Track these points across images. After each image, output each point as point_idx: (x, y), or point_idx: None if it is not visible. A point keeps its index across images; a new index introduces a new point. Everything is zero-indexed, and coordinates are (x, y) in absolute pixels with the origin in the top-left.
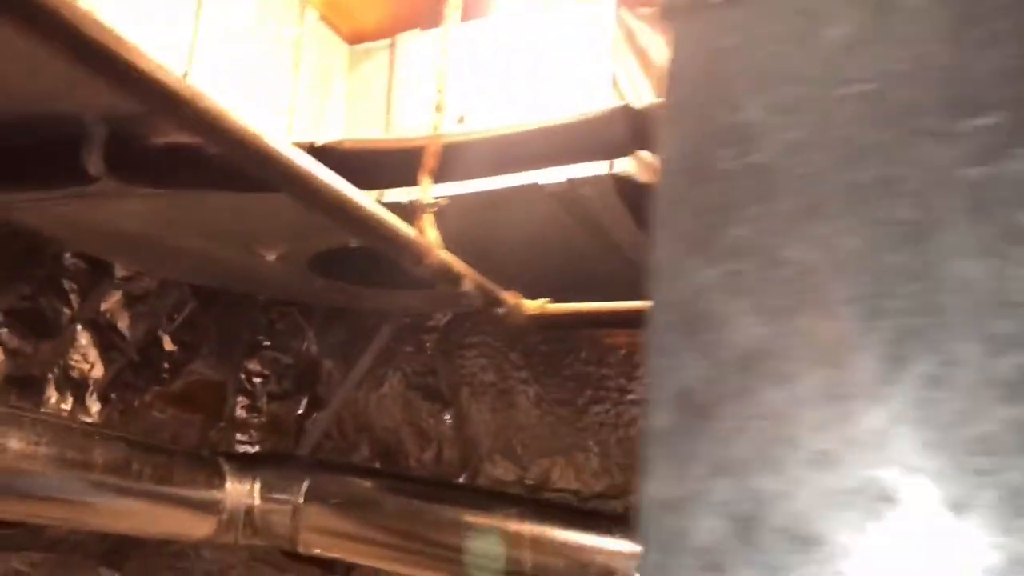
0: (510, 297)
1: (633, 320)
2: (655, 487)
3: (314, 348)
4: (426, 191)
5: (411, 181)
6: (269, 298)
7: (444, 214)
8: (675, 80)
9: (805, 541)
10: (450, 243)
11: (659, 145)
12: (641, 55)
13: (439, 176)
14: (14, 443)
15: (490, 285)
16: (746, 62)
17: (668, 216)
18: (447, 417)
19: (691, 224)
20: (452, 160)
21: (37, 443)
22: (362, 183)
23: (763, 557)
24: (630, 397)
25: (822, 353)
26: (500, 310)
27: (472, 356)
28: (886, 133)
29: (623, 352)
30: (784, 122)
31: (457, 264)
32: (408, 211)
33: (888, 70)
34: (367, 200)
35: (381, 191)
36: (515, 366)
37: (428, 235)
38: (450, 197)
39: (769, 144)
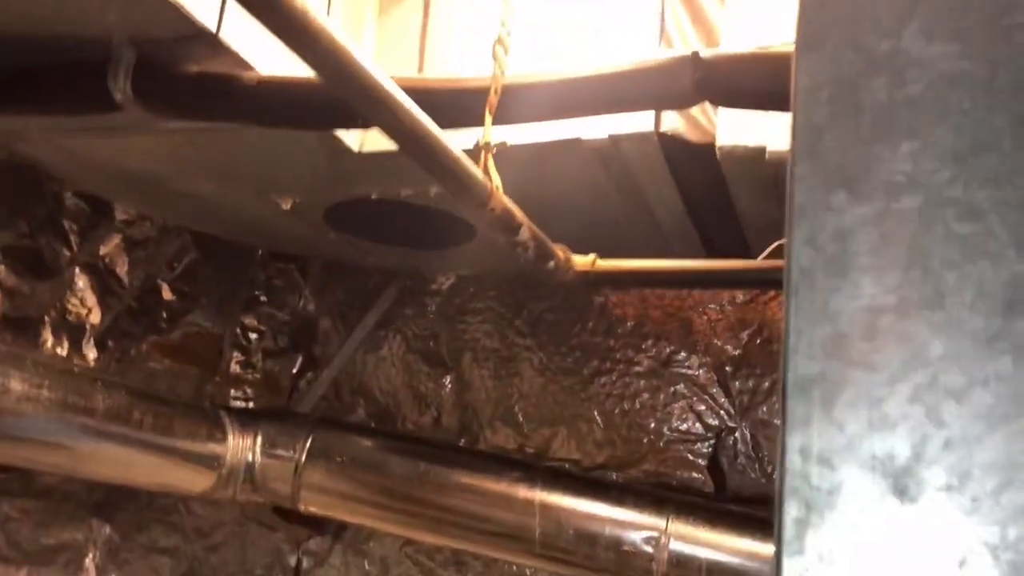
0: (560, 251)
1: (682, 280)
2: (800, 439)
3: (311, 306)
4: (488, 131)
5: (461, 124)
6: (268, 252)
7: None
8: (813, 1)
9: (974, 501)
10: None
11: (795, 72)
12: (690, 4)
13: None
14: (16, 384)
15: (543, 236)
16: None
17: (810, 149)
18: (447, 382)
19: (838, 158)
20: (505, 106)
21: (39, 386)
22: None
23: (923, 516)
24: (637, 369)
25: (990, 302)
26: (549, 264)
27: (476, 321)
28: None
29: (631, 323)
30: (944, 52)
31: (516, 211)
32: (470, 153)
33: None
34: (446, 136)
35: None
36: (519, 333)
37: (493, 178)
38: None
39: (927, 75)
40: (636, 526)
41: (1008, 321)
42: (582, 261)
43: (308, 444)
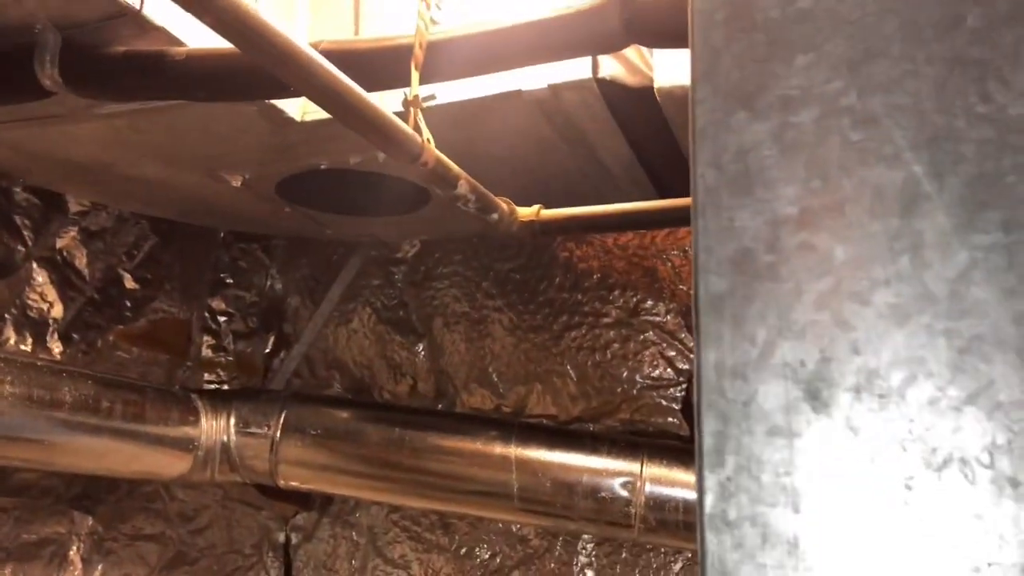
0: (503, 203)
1: (627, 222)
2: (714, 354)
3: (278, 285)
4: (415, 87)
5: (390, 84)
6: (230, 233)
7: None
8: None
9: (881, 398)
10: None
11: None
12: None
13: (420, 79)
14: None
15: (482, 189)
16: None
17: (708, 70)
18: (420, 349)
19: (736, 77)
20: (433, 62)
21: (2, 382)
22: None
23: (834, 419)
24: (605, 321)
25: (888, 205)
26: (493, 216)
27: (443, 287)
28: None
29: (597, 276)
30: None
31: (451, 165)
32: (401, 116)
33: None
34: (368, 95)
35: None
36: (488, 295)
37: (423, 132)
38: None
39: None
40: (612, 472)
41: (905, 221)
42: (526, 212)
43: (282, 420)
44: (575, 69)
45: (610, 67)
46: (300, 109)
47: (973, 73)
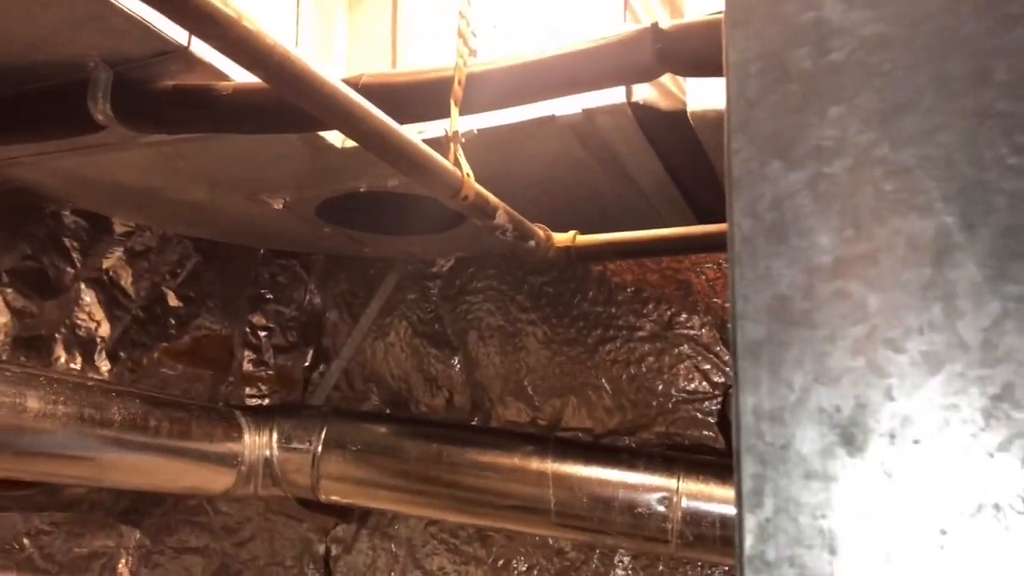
0: (539, 230)
1: (662, 247)
2: (752, 399)
3: (317, 300)
4: (455, 122)
5: (429, 116)
6: (270, 250)
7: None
8: None
9: (916, 443)
10: None
11: (726, 48)
12: None
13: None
14: (33, 403)
15: (520, 217)
16: None
17: (744, 121)
18: (456, 362)
19: (770, 128)
20: (470, 95)
21: (55, 402)
22: None
23: (869, 463)
24: (640, 334)
25: (921, 254)
26: (530, 243)
27: (478, 301)
28: (977, 22)
29: (631, 290)
30: (864, 17)
31: (490, 196)
32: (437, 144)
33: None
34: (410, 132)
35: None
36: (522, 308)
37: (462, 166)
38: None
39: (849, 41)
40: (648, 488)
41: (938, 270)
42: (562, 238)
43: (323, 435)
44: (609, 94)
45: (643, 92)
46: (341, 136)
47: (1003, 125)
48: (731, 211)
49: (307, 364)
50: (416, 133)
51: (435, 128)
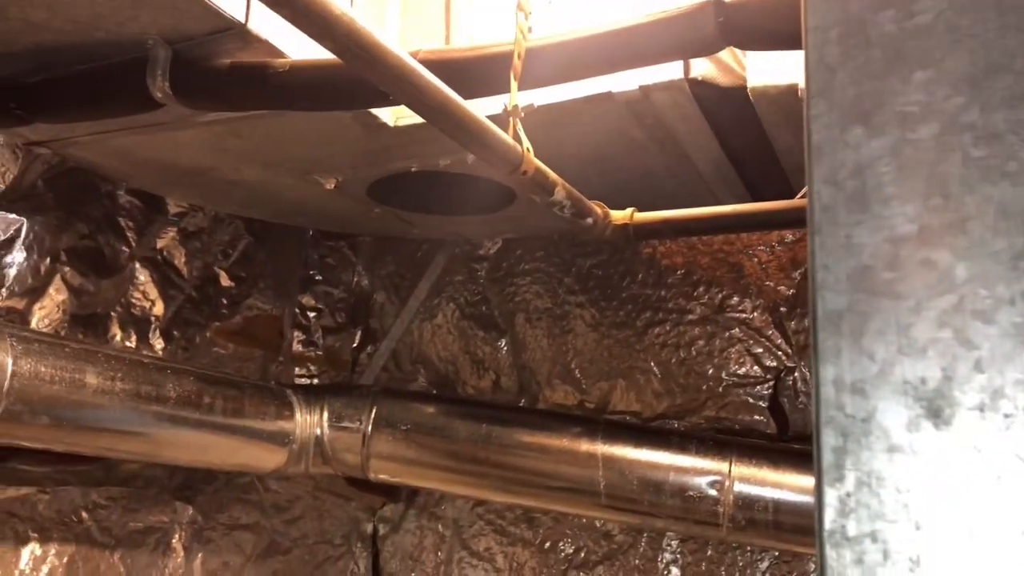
0: (597, 207)
1: (720, 225)
2: (833, 370)
3: (365, 281)
4: (514, 97)
5: (486, 91)
6: (319, 232)
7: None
8: None
9: (1007, 417)
10: None
11: (805, 13)
12: None
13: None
14: (91, 379)
15: (578, 194)
16: None
17: (824, 88)
18: (503, 344)
19: (852, 93)
20: (528, 70)
21: (112, 378)
22: None
23: (957, 437)
24: (690, 317)
25: (1012, 222)
26: (587, 221)
27: (525, 283)
28: None
29: (681, 272)
30: None
31: (549, 172)
32: (495, 120)
33: None
34: (472, 107)
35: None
36: (570, 291)
37: (522, 141)
38: (524, 107)
39: (936, 3)
40: (700, 471)
41: None
42: (620, 215)
43: (373, 414)
44: (666, 70)
45: (702, 67)
46: (393, 114)
47: None
48: (810, 179)
49: (355, 345)
50: (475, 108)
51: (491, 105)
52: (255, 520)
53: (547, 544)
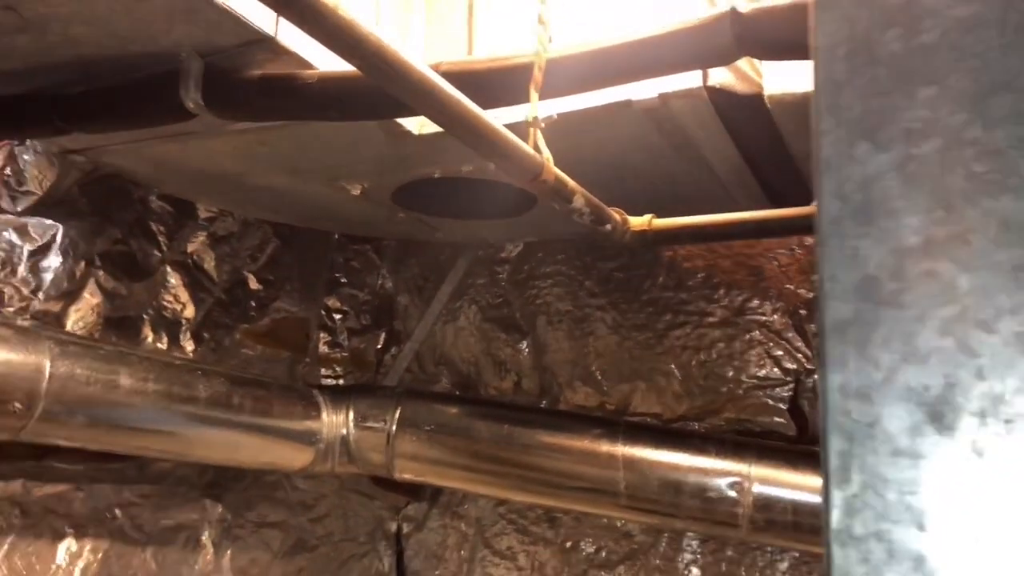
0: (616, 213)
1: (739, 231)
2: (840, 377)
3: (389, 284)
4: (534, 108)
5: (507, 102)
6: (344, 235)
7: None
8: None
9: (1007, 423)
10: None
11: (814, 30)
12: None
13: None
14: (125, 380)
15: (597, 201)
16: None
17: (832, 102)
18: (524, 346)
19: (858, 110)
20: (548, 80)
21: (145, 379)
22: None
23: (959, 442)
24: (710, 320)
25: (1014, 235)
26: (606, 227)
27: (547, 285)
28: None
29: (702, 275)
30: None
31: (568, 180)
32: (515, 129)
33: None
34: (491, 117)
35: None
36: (591, 293)
37: (542, 151)
38: (544, 117)
39: (940, 22)
40: (719, 472)
41: None
42: (638, 222)
43: (397, 415)
44: (685, 78)
45: (720, 75)
46: (418, 123)
47: None
48: (819, 192)
49: (379, 346)
50: (495, 118)
51: (512, 113)
52: (282, 518)
53: (568, 543)
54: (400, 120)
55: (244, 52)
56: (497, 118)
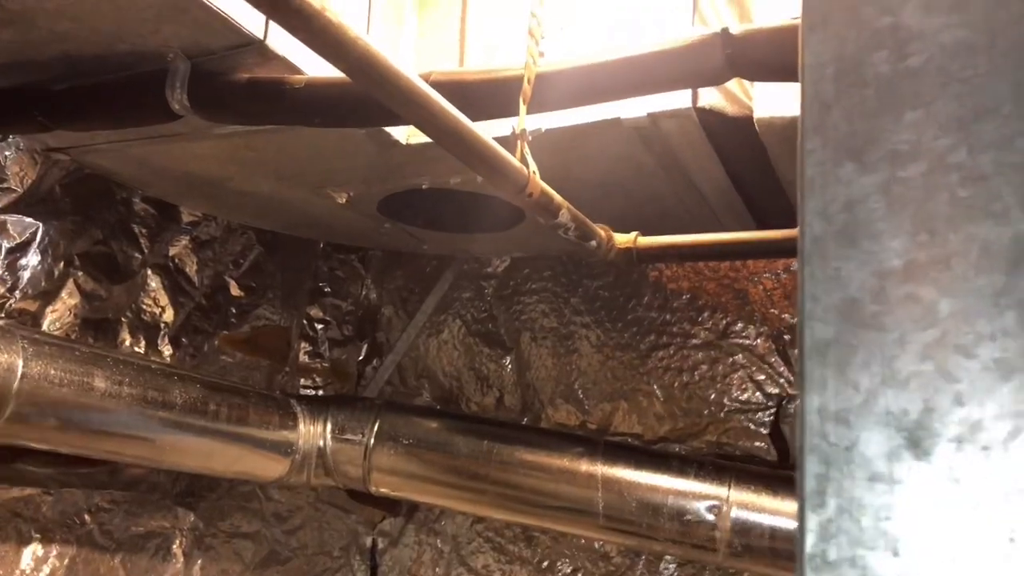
0: (602, 230)
1: (724, 252)
2: (818, 399)
3: (373, 295)
4: (523, 120)
5: (497, 114)
6: (329, 244)
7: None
8: None
9: (985, 450)
10: None
11: (802, 50)
12: None
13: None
14: (99, 382)
15: (582, 217)
16: None
17: (818, 123)
18: (507, 362)
19: (845, 130)
20: (538, 94)
21: (120, 383)
22: None
23: (936, 468)
24: (694, 342)
25: (995, 261)
26: (591, 243)
27: (532, 302)
28: None
29: (687, 296)
30: (943, 23)
31: (554, 195)
32: (503, 142)
33: None
34: (480, 129)
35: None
36: (576, 311)
37: (529, 164)
38: (532, 131)
39: (928, 47)
40: (698, 495)
41: (1012, 278)
42: (623, 239)
43: (375, 428)
44: (675, 98)
45: (710, 97)
46: (406, 132)
47: None
48: (802, 212)
49: (361, 358)
50: (483, 130)
51: (500, 126)
52: (256, 529)
53: (545, 563)
54: (389, 129)
55: (233, 55)
56: (485, 130)
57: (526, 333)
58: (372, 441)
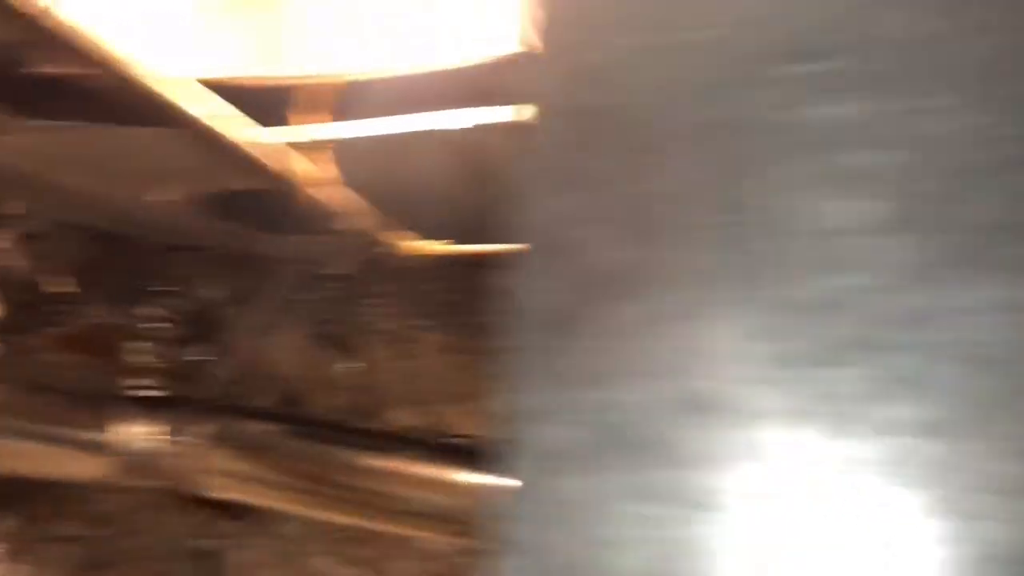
0: (405, 238)
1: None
2: (522, 400)
3: (211, 294)
4: (319, 129)
5: (294, 121)
6: (164, 243)
7: (340, 157)
8: (549, 22)
9: (665, 446)
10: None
11: (535, 85)
12: None
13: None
14: None
15: (385, 225)
16: (608, 6)
17: (530, 150)
18: (351, 365)
19: (550, 157)
20: (348, 101)
21: None
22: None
23: (624, 462)
24: None
25: (677, 276)
26: (394, 249)
27: (376, 304)
28: (726, 75)
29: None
30: (637, 64)
31: (349, 201)
32: (300, 149)
33: (733, 16)
34: (247, 134)
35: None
36: (419, 314)
37: (322, 170)
38: (343, 139)
39: (624, 85)
40: None
41: (695, 293)
42: (427, 247)
43: (210, 429)
44: (495, 111)
45: (528, 112)
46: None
47: (744, 168)
48: (514, 231)
49: (198, 358)
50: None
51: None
52: (80, 532)
53: (384, 564)
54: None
55: (27, 47)
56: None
57: (369, 336)
58: (208, 443)
